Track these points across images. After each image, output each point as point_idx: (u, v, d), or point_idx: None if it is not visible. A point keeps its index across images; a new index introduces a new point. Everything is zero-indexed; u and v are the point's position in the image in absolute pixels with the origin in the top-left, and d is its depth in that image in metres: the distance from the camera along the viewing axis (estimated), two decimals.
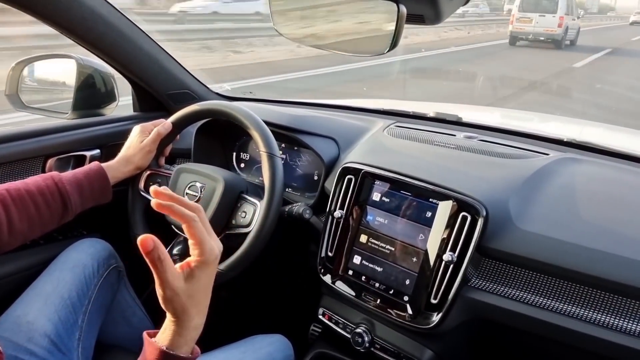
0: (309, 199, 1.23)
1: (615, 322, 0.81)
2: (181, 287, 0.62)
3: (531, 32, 12.30)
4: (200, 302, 0.64)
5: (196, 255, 0.63)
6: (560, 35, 12.29)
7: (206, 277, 0.64)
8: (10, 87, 1.36)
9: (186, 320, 0.63)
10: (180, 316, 0.63)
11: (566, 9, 12.47)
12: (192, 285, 0.63)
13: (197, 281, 0.63)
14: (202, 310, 0.65)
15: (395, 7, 0.62)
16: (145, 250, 0.59)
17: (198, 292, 0.63)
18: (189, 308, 0.63)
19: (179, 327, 0.63)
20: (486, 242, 0.91)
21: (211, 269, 0.65)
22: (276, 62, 8.75)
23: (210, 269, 0.64)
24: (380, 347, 1.05)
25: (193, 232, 0.63)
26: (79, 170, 1.05)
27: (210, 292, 0.66)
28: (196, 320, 0.64)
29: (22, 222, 0.93)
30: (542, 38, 12.28)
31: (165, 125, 1.18)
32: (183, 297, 0.62)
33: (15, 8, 1.05)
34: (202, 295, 0.64)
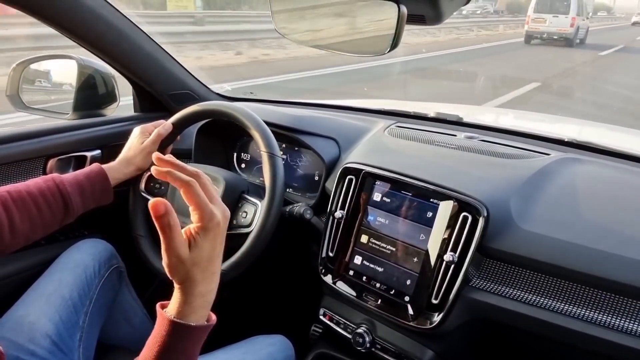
0: (309, 199, 1.23)
1: (616, 322, 0.81)
2: (186, 255, 0.61)
3: (545, 31, 13.31)
4: (206, 268, 0.63)
5: (196, 221, 0.62)
6: (572, 34, 13.33)
7: (208, 243, 0.63)
8: (11, 88, 1.36)
9: (191, 287, 0.63)
10: (184, 283, 0.63)
11: (577, 10, 13.43)
12: (195, 252, 0.62)
13: (200, 248, 0.62)
14: (209, 277, 0.64)
15: (395, 8, 0.62)
16: (156, 214, 0.58)
17: (201, 259, 0.63)
18: (194, 275, 0.62)
19: (184, 295, 0.63)
20: (487, 242, 0.91)
21: (212, 234, 0.63)
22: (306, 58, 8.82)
23: (211, 234, 0.63)
24: (381, 347, 1.05)
25: (189, 197, 0.61)
26: (80, 172, 1.05)
27: (217, 259, 0.65)
28: (202, 286, 0.63)
29: (24, 223, 0.93)
30: (555, 37, 13.31)
31: (166, 126, 1.18)
32: (187, 265, 0.62)
33: (15, 8, 1.05)
34: (207, 262, 0.63)
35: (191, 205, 0.62)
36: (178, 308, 0.63)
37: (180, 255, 0.61)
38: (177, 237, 0.60)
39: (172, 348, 0.62)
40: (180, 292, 0.63)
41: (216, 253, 0.65)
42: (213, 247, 0.64)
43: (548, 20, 13.28)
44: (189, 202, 0.62)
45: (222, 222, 0.65)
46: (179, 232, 0.61)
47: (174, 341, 0.62)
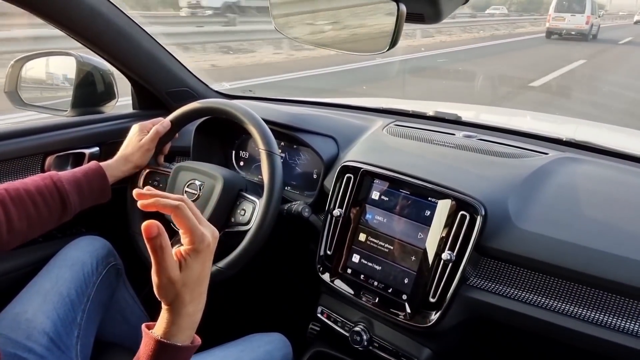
0: (308, 198, 1.23)
1: (613, 321, 0.81)
2: (177, 276, 0.62)
3: (564, 28, 15.68)
4: (194, 289, 0.64)
5: (187, 243, 0.63)
6: (587, 30, 15.61)
7: (199, 265, 0.63)
8: (10, 85, 1.35)
9: (179, 307, 0.63)
10: (173, 303, 0.63)
11: (591, 10, 15.71)
12: (186, 273, 0.62)
13: (190, 270, 0.63)
14: (197, 297, 0.65)
15: (395, 6, 0.62)
16: (148, 236, 0.59)
17: (191, 280, 0.63)
18: (183, 295, 0.63)
19: (172, 315, 0.63)
20: (485, 241, 0.91)
21: (202, 256, 0.64)
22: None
23: (201, 256, 0.63)
24: (378, 345, 1.05)
25: (180, 220, 0.62)
26: (77, 170, 1.05)
27: (205, 280, 0.66)
28: (190, 307, 0.64)
29: (22, 221, 0.92)
30: (572, 33, 15.64)
31: (164, 123, 1.18)
32: (177, 286, 0.62)
33: (14, 5, 1.05)
34: (196, 283, 0.64)
35: (181, 229, 0.63)
36: (165, 328, 0.63)
37: (171, 276, 0.61)
38: (169, 259, 0.61)
39: None
40: (168, 313, 0.63)
41: (205, 274, 0.65)
42: (202, 268, 0.64)
43: (567, 18, 15.49)
44: (179, 226, 0.63)
45: (211, 244, 0.65)
46: (170, 254, 0.61)
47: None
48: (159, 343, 0.62)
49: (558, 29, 15.85)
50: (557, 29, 15.87)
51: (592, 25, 15.87)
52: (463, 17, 17.39)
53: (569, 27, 15.61)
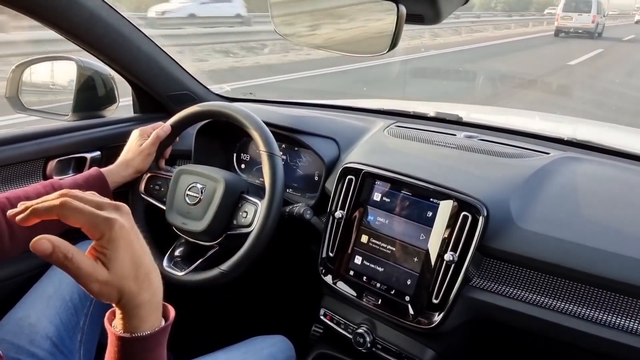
0: (309, 200, 1.23)
1: (617, 320, 0.81)
2: (105, 275, 0.53)
3: (572, 26, 16.86)
4: (137, 276, 0.56)
5: (94, 238, 0.55)
6: (593, 29, 16.73)
7: (124, 251, 0.55)
8: (11, 89, 1.36)
9: (130, 301, 0.56)
10: (121, 300, 0.55)
11: (597, 10, 16.89)
12: (115, 267, 0.54)
13: (117, 261, 0.54)
14: (145, 281, 0.57)
15: (394, 8, 0.62)
16: (42, 254, 0.51)
17: (126, 269, 0.55)
18: (127, 289, 0.55)
19: (126, 310, 0.56)
20: (487, 241, 0.91)
21: (123, 241, 0.55)
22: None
23: (121, 242, 0.54)
24: (381, 347, 1.05)
25: (72, 217, 0.54)
26: (78, 176, 1.05)
27: (143, 259, 0.57)
28: (142, 295, 0.56)
29: (24, 229, 0.92)
30: (580, 31, 16.78)
31: (165, 127, 1.18)
32: (114, 283, 0.54)
33: (14, 10, 1.05)
34: (135, 269, 0.55)
35: (79, 224, 0.55)
36: (124, 323, 0.56)
37: (99, 279, 0.53)
38: (84, 264, 0.53)
39: None
40: (121, 309, 0.56)
41: (139, 254, 0.57)
42: (132, 251, 0.56)
43: (574, 18, 16.72)
44: (75, 224, 0.55)
45: (125, 222, 0.56)
46: (83, 259, 0.53)
47: (132, 355, 0.57)
48: (122, 339, 0.56)
49: (566, 28, 16.95)
50: (565, 28, 16.98)
51: (597, 24, 16.98)
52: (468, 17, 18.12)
53: (577, 25, 16.71)
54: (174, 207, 1.12)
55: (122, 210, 0.57)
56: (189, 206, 1.10)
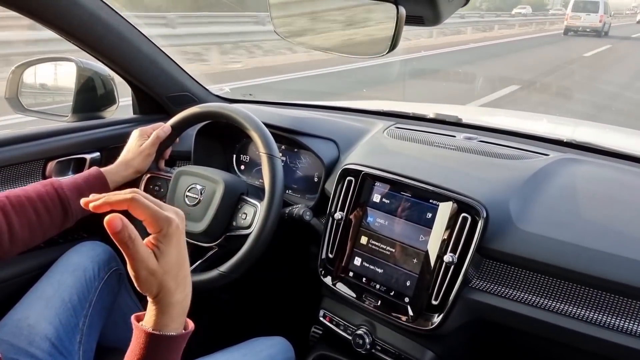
0: (309, 201, 1.23)
1: (616, 322, 0.81)
2: (155, 265, 0.59)
3: (580, 25, 17.97)
4: (177, 275, 0.61)
5: (153, 231, 0.61)
6: (600, 27, 17.82)
7: (174, 249, 0.61)
8: (10, 90, 1.36)
9: (167, 297, 0.61)
10: (159, 294, 0.61)
11: (604, 10, 17.91)
12: (164, 261, 0.60)
13: (167, 256, 0.60)
14: (182, 282, 0.62)
15: (394, 9, 0.62)
16: (112, 230, 0.56)
17: (171, 266, 0.61)
18: (167, 284, 0.60)
19: (161, 306, 0.61)
20: (487, 243, 0.91)
21: (175, 239, 0.61)
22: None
23: (174, 240, 0.61)
24: (381, 348, 1.05)
25: (139, 210, 0.59)
26: (78, 176, 1.05)
27: (185, 263, 0.63)
28: (178, 294, 0.62)
29: (23, 229, 0.92)
30: (587, 30, 17.88)
31: (165, 128, 1.18)
32: (159, 275, 0.60)
33: (14, 11, 1.05)
34: (177, 268, 0.61)
35: (143, 218, 0.60)
36: (155, 320, 0.61)
37: (149, 267, 0.59)
38: (142, 249, 0.58)
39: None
40: (156, 304, 0.61)
41: (183, 257, 0.63)
42: (179, 251, 0.62)
43: (582, 17, 17.78)
44: (140, 217, 0.60)
45: (180, 224, 0.62)
46: (142, 244, 0.59)
47: (153, 354, 0.60)
48: (151, 336, 0.60)
49: (575, 27, 18.08)
50: (574, 27, 18.09)
51: (604, 23, 18.11)
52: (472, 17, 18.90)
53: (585, 24, 17.78)
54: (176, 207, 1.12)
55: (179, 214, 0.63)
56: (189, 207, 1.10)
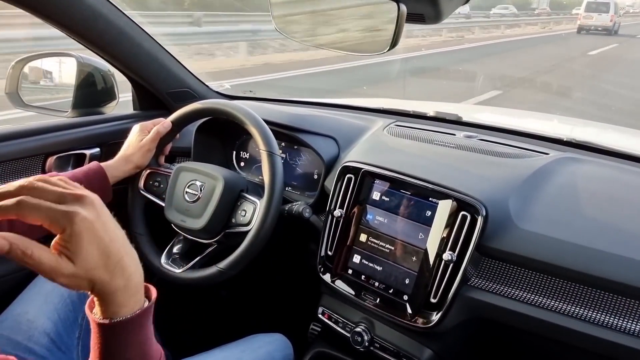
0: (308, 198, 1.23)
1: (614, 321, 0.81)
2: (71, 269, 0.52)
3: (593, 24, 19.17)
4: (107, 264, 0.53)
5: (56, 232, 0.52)
6: (611, 27, 19.05)
7: (90, 244, 0.52)
8: (11, 86, 1.36)
9: (104, 288, 0.54)
10: (94, 288, 0.54)
11: (614, 10, 19.16)
12: (80, 260, 0.52)
13: (83, 254, 0.52)
14: (117, 268, 0.54)
15: (395, 7, 0.62)
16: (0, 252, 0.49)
17: (94, 261, 0.53)
18: (99, 277, 0.53)
19: (102, 297, 0.55)
20: (486, 241, 0.91)
21: (86, 233, 0.52)
22: None
23: (85, 234, 0.52)
24: (379, 346, 1.05)
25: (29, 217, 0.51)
26: (78, 170, 1.05)
27: (113, 245, 0.54)
28: (116, 282, 0.54)
29: (23, 223, 0.92)
30: (599, 29, 19.06)
31: (165, 124, 1.17)
32: (82, 274, 0.52)
33: (15, 6, 1.05)
34: (104, 259, 0.53)
35: (39, 222, 0.51)
36: (102, 309, 0.55)
37: (64, 272, 0.51)
38: (45, 259, 0.51)
39: (116, 347, 0.56)
40: (96, 296, 0.55)
41: (106, 243, 0.54)
42: (98, 241, 0.53)
43: (595, 17, 19.06)
44: (34, 222, 0.51)
45: (88, 212, 0.53)
46: (44, 254, 0.51)
47: (114, 341, 0.56)
48: (103, 326, 0.55)
49: (587, 26, 19.33)
50: (587, 26, 19.34)
51: (614, 22, 19.37)
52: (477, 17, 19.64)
53: (597, 24, 19.05)
54: (173, 204, 1.12)
55: (84, 202, 0.53)
56: (188, 203, 1.10)
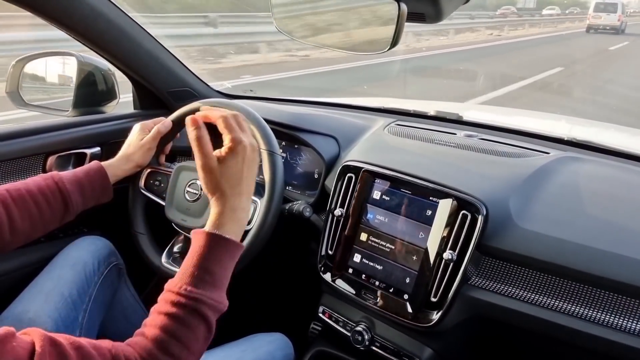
0: (309, 197, 1.23)
1: (615, 320, 0.81)
2: (215, 167, 0.76)
3: (601, 24, 20.23)
4: (234, 186, 0.77)
5: (227, 142, 0.77)
6: (618, 26, 20.00)
7: (235, 162, 0.77)
8: (11, 85, 1.36)
9: (222, 199, 0.76)
10: (215, 195, 0.77)
11: (622, 10, 20.10)
12: (224, 168, 0.76)
13: (227, 164, 0.77)
14: (237, 194, 0.77)
15: (396, 6, 0.62)
16: (194, 125, 0.77)
17: (228, 174, 0.77)
18: (222, 187, 0.76)
19: (217, 207, 0.76)
20: (486, 240, 0.91)
21: (239, 156, 0.77)
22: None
23: (239, 156, 0.77)
24: (380, 345, 1.05)
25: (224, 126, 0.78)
26: (79, 170, 1.05)
27: (244, 181, 0.78)
28: (232, 201, 0.76)
29: (24, 221, 0.92)
30: (607, 28, 20.09)
31: (165, 123, 1.17)
32: (216, 175, 0.76)
33: (15, 5, 1.05)
34: (235, 180, 0.77)
35: (224, 132, 0.78)
36: (213, 220, 0.75)
37: (209, 164, 0.76)
38: (206, 148, 0.77)
39: (209, 256, 0.72)
40: (214, 205, 0.77)
41: (243, 175, 0.78)
42: (240, 168, 0.77)
43: (603, 17, 20.08)
44: (222, 131, 0.78)
45: (248, 148, 0.78)
46: (208, 145, 0.77)
47: (210, 251, 0.72)
48: (210, 235, 0.73)
49: (596, 25, 20.39)
50: (595, 25, 20.40)
51: (622, 22, 20.35)
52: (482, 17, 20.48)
53: (605, 23, 20.11)
54: (174, 203, 1.12)
55: (252, 144, 0.80)
56: (189, 203, 1.10)
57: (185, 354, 0.66)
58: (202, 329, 0.69)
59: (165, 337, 0.65)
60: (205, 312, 0.69)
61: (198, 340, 0.68)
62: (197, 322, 0.68)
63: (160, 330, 0.65)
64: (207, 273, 0.71)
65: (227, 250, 0.74)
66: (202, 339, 0.69)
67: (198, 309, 0.68)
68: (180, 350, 0.66)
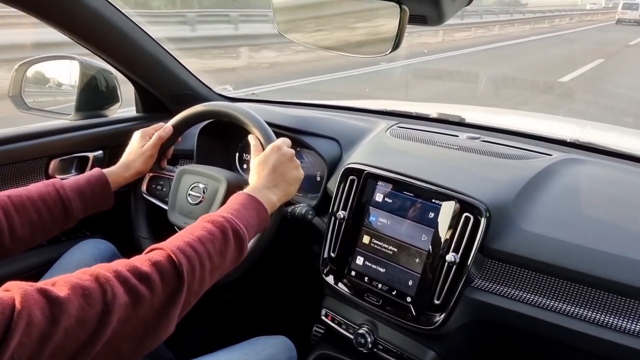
0: (311, 200, 1.23)
1: (617, 322, 0.81)
2: (284, 151, 0.99)
3: (627, 18, 25.02)
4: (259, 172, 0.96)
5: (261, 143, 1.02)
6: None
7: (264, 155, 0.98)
8: (14, 89, 1.36)
9: (256, 179, 0.95)
10: (253, 177, 0.96)
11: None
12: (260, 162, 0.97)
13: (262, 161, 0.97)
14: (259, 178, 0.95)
15: (397, 9, 0.62)
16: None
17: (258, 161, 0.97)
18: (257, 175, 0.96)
19: (255, 183, 0.94)
20: (489, 242, 0.91)
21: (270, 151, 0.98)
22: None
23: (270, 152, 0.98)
24: (383, 348, 1.05)
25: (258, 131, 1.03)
26: (80, 177, 1.04)
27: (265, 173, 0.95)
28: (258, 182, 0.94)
29: (24, 228, 0.92)
30: (631, 21, 24.39)
31: (166, 129, 1.17)
32: (276, 158, 0.97)
33: (18, 9, 1.05)
34: (260, 167, 0.96)
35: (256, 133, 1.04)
36: (251, 186, 0.94)
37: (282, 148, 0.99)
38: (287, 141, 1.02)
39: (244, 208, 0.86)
40: (254, 181, 0.96)
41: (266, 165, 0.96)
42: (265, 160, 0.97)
43: (628, 13, 25.07)
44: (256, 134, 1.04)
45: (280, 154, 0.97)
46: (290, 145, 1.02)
47: (242, 206, 0.86)
48: (246, 195, 0.89)
49: (625, 19, 25.06)
50: (624, 19, 25.06)
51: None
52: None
53: (630, 17, 25.01)
54: (176, 207, 1.12)
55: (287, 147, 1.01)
56: (191, 206, 1.10)
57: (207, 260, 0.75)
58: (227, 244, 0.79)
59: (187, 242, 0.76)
60: (230, 228, 0.80)
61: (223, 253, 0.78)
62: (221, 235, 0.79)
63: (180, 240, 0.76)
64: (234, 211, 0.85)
65: (256, 210, 0.87)
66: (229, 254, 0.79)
67: (224, 226, 0.79)
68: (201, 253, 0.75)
